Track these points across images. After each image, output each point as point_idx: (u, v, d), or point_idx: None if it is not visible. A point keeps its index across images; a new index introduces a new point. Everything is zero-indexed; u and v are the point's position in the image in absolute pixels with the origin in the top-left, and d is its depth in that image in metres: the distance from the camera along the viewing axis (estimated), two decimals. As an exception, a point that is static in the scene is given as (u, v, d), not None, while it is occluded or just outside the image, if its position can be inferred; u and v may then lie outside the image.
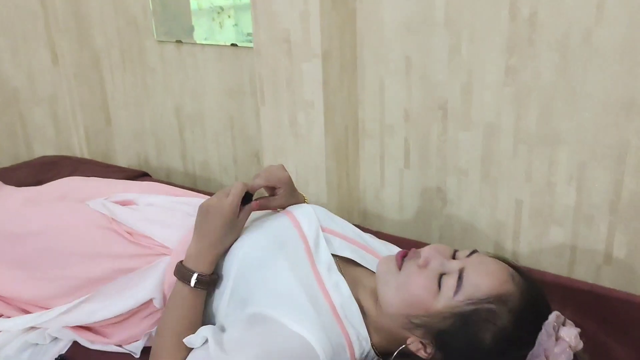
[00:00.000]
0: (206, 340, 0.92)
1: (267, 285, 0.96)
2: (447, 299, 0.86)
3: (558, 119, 1.29)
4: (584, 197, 1.31)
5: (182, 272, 0.98)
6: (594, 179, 1.28)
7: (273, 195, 1.09)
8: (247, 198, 1.03)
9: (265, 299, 0.95)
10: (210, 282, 0.99)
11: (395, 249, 1.16)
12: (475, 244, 1.50)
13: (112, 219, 1.14)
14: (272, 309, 0.93)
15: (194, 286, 0.96)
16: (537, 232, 1.40)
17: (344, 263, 1.03)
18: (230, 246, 1.02)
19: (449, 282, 0.86)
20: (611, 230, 1.30)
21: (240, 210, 1.01)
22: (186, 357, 0.93)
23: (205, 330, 0.93)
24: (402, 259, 0.93)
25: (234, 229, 1.01)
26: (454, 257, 0.92)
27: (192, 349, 0.94)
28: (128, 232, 1.11)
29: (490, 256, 0.92)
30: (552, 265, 1.39)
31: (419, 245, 1.00)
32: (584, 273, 1.36)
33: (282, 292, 0.94)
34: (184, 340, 0.94)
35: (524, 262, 1.42)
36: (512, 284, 0.86)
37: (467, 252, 0.92)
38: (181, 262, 0.99)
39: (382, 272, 0.94)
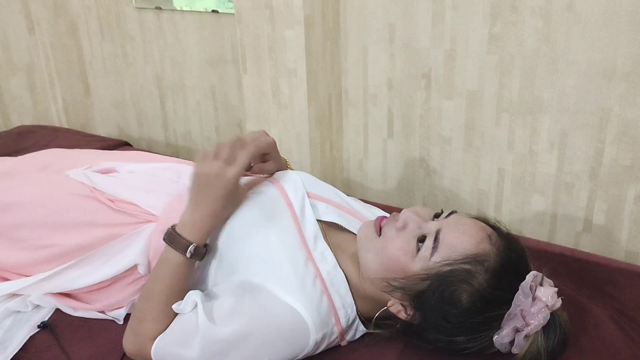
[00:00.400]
0: (195, 306, 0.91)
1: (255, 255, 0.95)
2: (423, 261, 0.86)
3: (540, 86, 1.30)
4: (565, 165, 1.32)
5: (175, 239, 0.94)
6: (575, 146, 1.30)
7: (263, 161, 1.08)
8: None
9: (254, 268, 0.94)
10: (205, 253, 0.96)
11: (378, 212, 1.16)
12: (458, 213, 1.51)
13: (93, 187, 1.12)
14: (261, 278, 0.93)
15: (190, 257, 0.94)
16: (519, 201, 1.42)
17: (329, 228, 1.03)
18: (228, 217, 0.99)
19: (426, 244, 0.87)
20: (591, 198, 1.31)
21: None
22: (170, 323, 0.93)
23: (194, 295, 0.93)
24: (380, 224, 0.93)
25: (235, 200, 0.98)
26: (435, 218, 0.92)
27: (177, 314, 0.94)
28: (110, 200, 1.10)
29: (470, 217, 0.92)
30: (533, 233, 1.41)
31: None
32: (563, 240, 1.38)
33: (270, 262, 0.94)
34: (173, 307, 0.93)
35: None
36: (488, 243, 0.86)
37: (446, 214, 0.92)
38: (174, 228, 0.96)
39: (362, 238, 0.94)
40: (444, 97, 1.44)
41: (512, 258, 0.87)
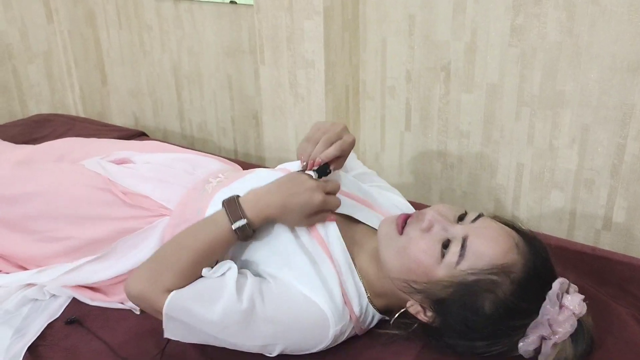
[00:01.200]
0: (224, 273, 0.89)
1: (271, 249, 0.95)
2: (449, 268, 0.84)
3: (562, 80, 1.27)
4: (586, 160, 1.30)
5: (232, 206, 0.90)
6: (596, 142, 1.27)
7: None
8: (323, 169, 0.97)
9: (275, 261, 0.94)
10: (250, 237, 0.92)
11: (399, 202, 1.15)
12: (475, 208, 1.49)
13: (108, 179, 1.12)
14: (282, 271, 0.92)
15: (234, 230, 0.90)
16: (538, 196, 1.40)
17: (345, 221, 1.02)
18: (286, 224, 0.95)
19: (452, 250, 0.84)
20: (611, 195, 1.29)
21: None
22: (190, 283, 0.89)
23: (229, 263, 0.91)
24: (403, 223, 0.90)
25: (302, 221, 0.94)
26: (460, 220, 0.90)
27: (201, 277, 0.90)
28: (123, 193, 1.10)
29: (494, 218, 0.90)
30: (552, 230, 1.39)
31: (419, 208, 0.98)
32: (582, 238, 1.36)
33: (289, 257, 0.93)
34: (204, 271, 0.89)
35: (523, 226, 1.42)
36: (516, 253, 0.84)
37: (473, 217, 0.89)
38: (237, 196, 0.93)
39: (383, 235, 0.92)
40: (464, 90, 1.42)
41: (538, 267, 0.85)
